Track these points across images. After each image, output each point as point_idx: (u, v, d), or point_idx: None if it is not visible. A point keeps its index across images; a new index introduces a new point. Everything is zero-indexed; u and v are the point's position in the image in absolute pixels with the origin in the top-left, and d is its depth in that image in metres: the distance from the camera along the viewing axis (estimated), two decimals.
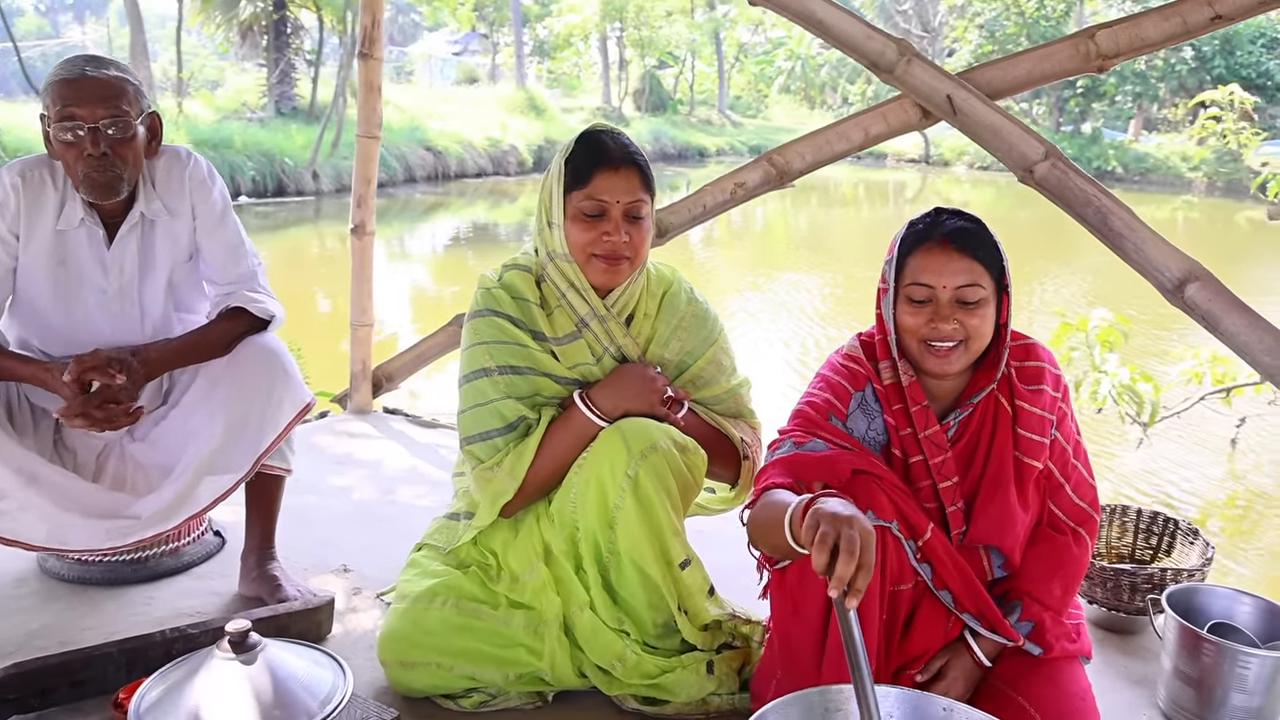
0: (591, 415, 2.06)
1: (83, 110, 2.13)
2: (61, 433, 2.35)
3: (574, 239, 2.05)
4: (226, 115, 21.32)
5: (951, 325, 1.79)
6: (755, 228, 18.70)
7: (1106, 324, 5.43)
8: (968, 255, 1.79)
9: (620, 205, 2.02)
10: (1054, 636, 1.85)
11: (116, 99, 2.17)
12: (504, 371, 2.08)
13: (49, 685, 1.96)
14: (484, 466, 2.09)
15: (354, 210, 3.90)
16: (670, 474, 2.01)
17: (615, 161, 2.02)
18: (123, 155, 2.19)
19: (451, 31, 43.35)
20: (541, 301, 2.14)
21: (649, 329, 2.19)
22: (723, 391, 2.24)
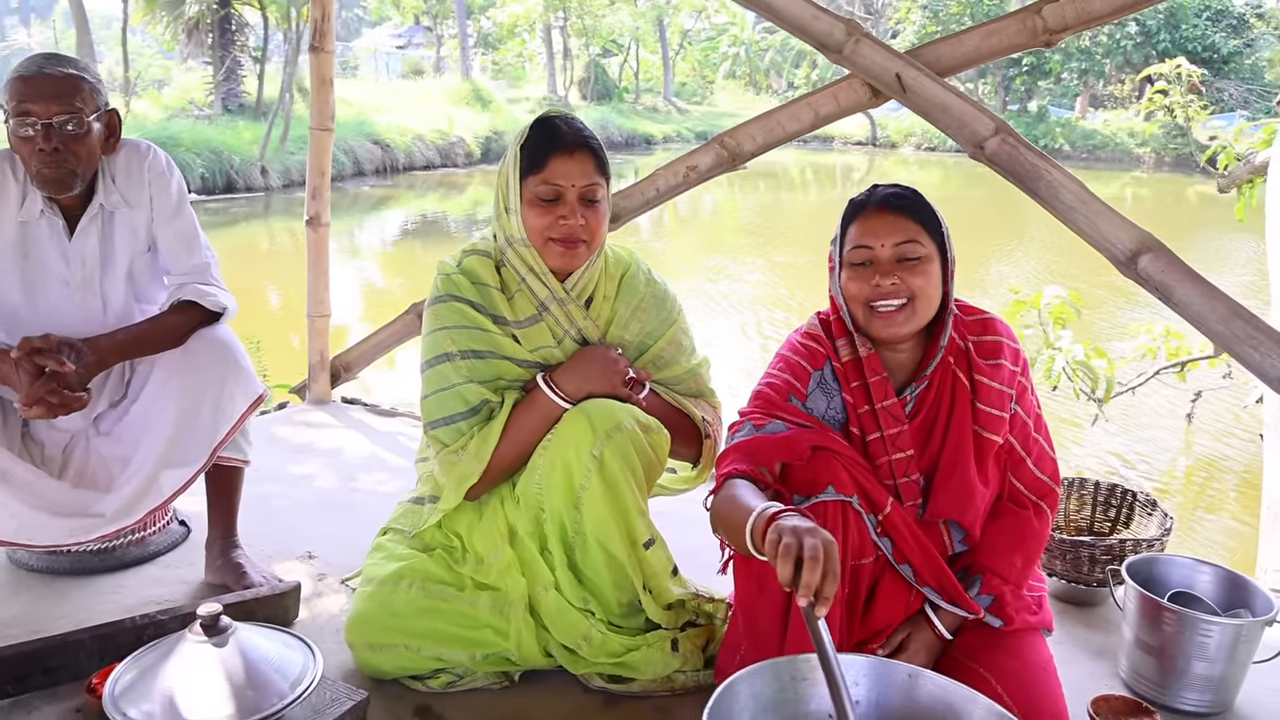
0: (555, 397, 2.08)
1: (37, 106, 2.15)
2: (28, 427, 2.35)
3: (530, 224, 2.07)
4: (174, 114, 21.15)
5: (891, 281, 1.81)
6: (704, 213, 18.77)
7: (1059, 300, 5.47)
8: (903, 215, 1.84)
9: (575, 189, 2.05)
10: (1014, 609, 1.87)
11: (70, 96, 2.18)
12: (466, 356, 2.10)
13: (22, 672, 1.97)
14: (449, 450, 2.11)
15: (309, 202, 3.89)
16: (635, 453, 2.04)
17: (569, 146, 2.04)
18: (75, 151, 2.20)
19: (395, 25, 43.05)
20: (501, 286, 2.15)
21: (608, 311, 2.21)
22: (683, 371, 2.27)
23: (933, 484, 1.90)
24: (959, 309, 1.96)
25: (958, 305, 1.96)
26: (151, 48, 32.05)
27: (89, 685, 1.94)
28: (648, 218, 17.60)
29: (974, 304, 2.01)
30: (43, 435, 2.36)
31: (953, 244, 1.88)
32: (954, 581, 1.87)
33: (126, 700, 1.69)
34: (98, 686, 1.89)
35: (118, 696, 1.70)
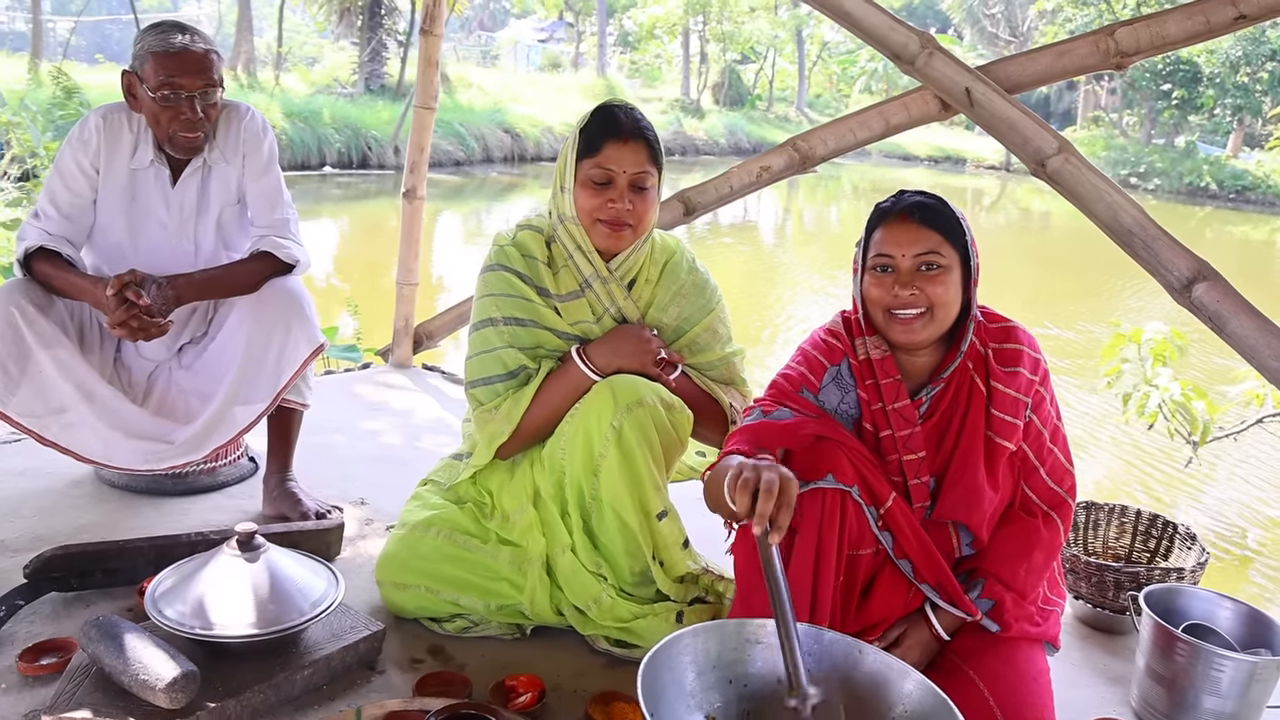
0: (586, 369, 2.19)
1: (184, 80, 2.42)
2: (120, 353, 2.61)
3: (581, 204, 2.18)
4: (319, 90, 22.03)
5: (910, 292, 1.84)
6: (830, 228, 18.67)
7: (1161, 337, 5.31)
8: (926, 226, 1.86)
9: (627, 175, 2.15)
10: (1013, 617, 1.89)
11: (210, 71, 2.46)
12: (509, 322, 2.23)
13: (87, 569, 2.19)
14: (484, 408, 2.25)
15: (406, 176, 4.11)
16: (654, 428, 2.13)
17: (625, 133, 2.15)
18: (209, 116, 2.49)
19: (539, 19, 43.80)
20: (549, 260, 2.28)
21: (649, 294, 2.31)
22: (716, 358, 2.35)
23: (942, 485, 1.93)
24: (984, 316, 1.98)
25: (983, 312, 1.98)
26: (307, 26, 33.43)
27: (140, 589, 2.14)
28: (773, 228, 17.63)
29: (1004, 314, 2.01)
30: (131, 362, 2.62)
31: (977, 252, 1.91)
32: (953, 581, 1.89)
33: (164, 601, 1.88)
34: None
35: (157, 597, 1.89)
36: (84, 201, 2.51)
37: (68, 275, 2.40)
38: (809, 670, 1.50)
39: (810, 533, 1.84)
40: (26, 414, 2.37)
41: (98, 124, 2.51)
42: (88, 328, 2.54)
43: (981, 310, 1.99)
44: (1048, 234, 19.55)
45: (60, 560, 2.15)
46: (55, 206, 2.48)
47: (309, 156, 17.60)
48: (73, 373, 2.40)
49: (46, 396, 2.39)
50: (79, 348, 2.45)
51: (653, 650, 1.46)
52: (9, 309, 2.35)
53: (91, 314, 2.54)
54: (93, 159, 2.50)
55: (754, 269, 12.97)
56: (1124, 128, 32.65)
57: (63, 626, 2.08)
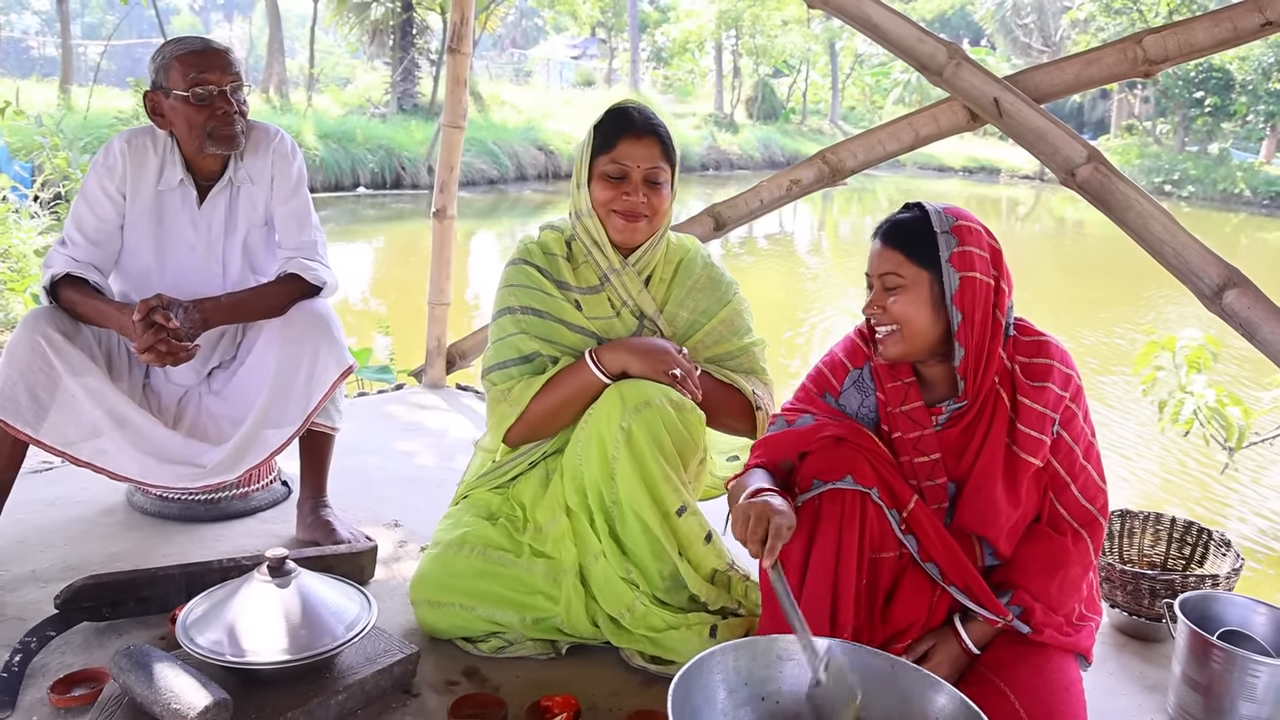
0: (593, 367, 2.22)
1: (214, 75, 2.46)
2: (149, 378, 2.63)
3: (597, 196, 2.26)
4: (351, 110, 22.18)
5: (873, 311, 1.92)
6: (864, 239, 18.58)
7: (1195, 344, 5.28)
8: (889, 246, 1.91)
9: (641, 170, 2.23)
10: (1042, 623, 1.87)
11: (237, 67, 2.51)
12: (525, 311, 2.29)
13: (118, 598, 2.19)
14: (497, 389, 2.29)
15: (436, 195, 4.13)
16: (663, 428, 2.14)
17: (638, 130, 2.23)
18: (243, 113, 2.52)
19: (571, 36, 44.09)
20: (569, 256, 2.35)
21: (664, 292, 2.36)
22: (735, 348, 2.38)
23: (960, 497, 1.92)
24: (1018, 329, 1.96)
25: (1017, 326, 1.96)
26: (339, 47, 33.84)
27: (172, 616, 2.14)
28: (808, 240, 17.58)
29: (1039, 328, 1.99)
30: (161, 388, 2.63)
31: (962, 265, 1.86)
32: (982, 583, 1.87)
33: (196, 629, 1.88)
34: None
35: (189, 625, 1.90)
36: (111, 226, 2.53)
37: (94, 302, 2.42)
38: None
39: (830, 533, 1.85)
40: (58, 439, 2.39)
41: (122, 148, 2.53)
42: (115, 354, 2.55)
43: (1017, 324, 1.97)
44: (1081, 242, 19.37)
45: (92, 589, 2.16)
46: (82, 233, 2.50)
47: (342, 177, 17.75)
48: (103, 399, 2.42)
49: (79, 422, 2.41)
50: (108, 374, 2.46)
51: (683, 669, 1.46)
52: (36, 338, 2.36)
53: (119, 340, 2.56)
54: (119, 183, 2.52)
55: (788, 282, 12.92)
56: (1157, 136, 32.30)
57: (94, 657, 2.08)
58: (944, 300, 1.88)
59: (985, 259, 1.89)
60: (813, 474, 1.88)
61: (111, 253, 2.55)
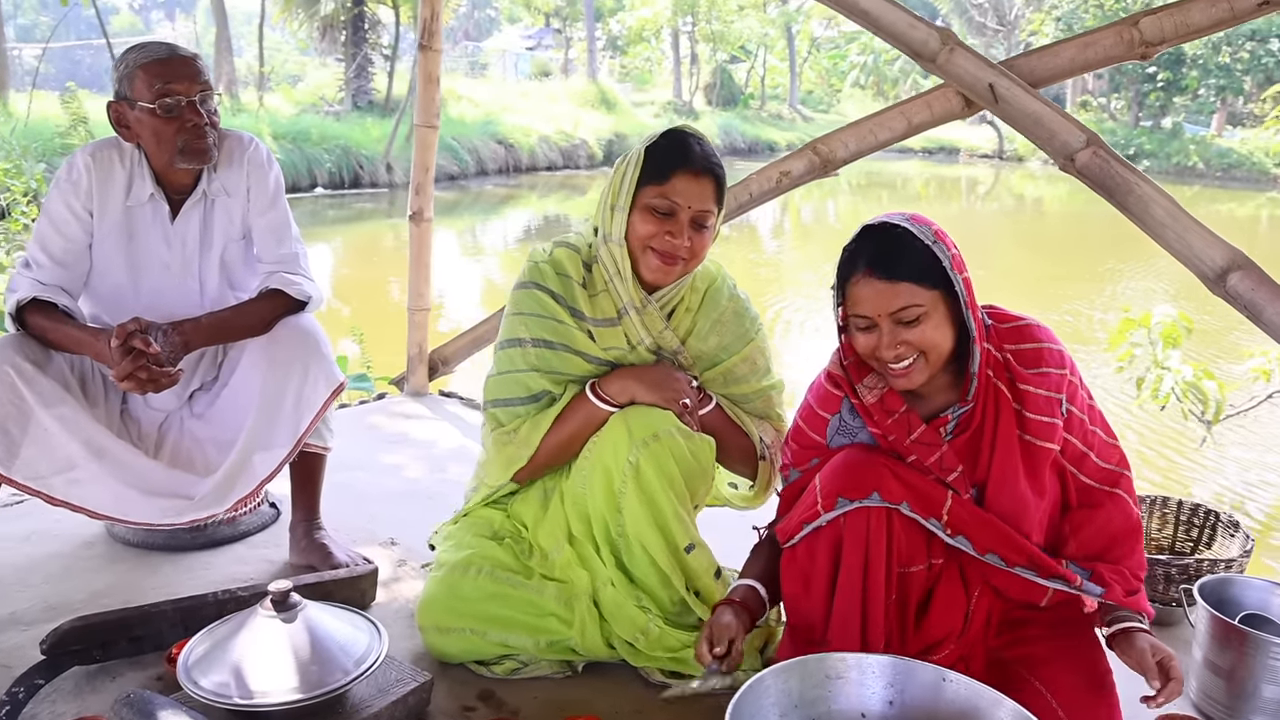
0: (597, 401, 2.12)
1: (181, 85, 2.32)
2: (127, 404, 2.50)
3: (637, 229, 2.09)
4: (305, 109, 21.88)
5: (896, 349, 1.78)
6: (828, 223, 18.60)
7: (1169, 320, 5.34)
8: (894, 280, 1.76)
9: (690, 211, 2.06)
10: (1111, 579, 1.83)
11: (204, 74, 2.37)
12: (537, 344, 2.16)
13: (109, 639, 2.08)
14: (503, 430, 2.19)
15: (412, 198, 4.02)
16: (673, 461, 2.07)
17: (697, 167, 2.06)
18: (214, 124, 2.39)
19: (526, 26, 43.77)
20: (585, 282, 2.20)
21: (689, 322, 2.23)
22: (752, 391, 2.28)
23: (984, 498, 1.87)
24: (991, 317, 1.90)
25: (990, 313, 1.90)
26: (288, 44, 33.41)
27: (169, 655, 2.05)
28: (769, 224, 17.54)
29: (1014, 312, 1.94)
30: (140, 413, 2.50)
31: (961, 268, 1.80)
32: (1042, 556, 1.82)
33: (199, 670, 1.79)
34: (177, 656, 2.00)
35: (191, 666, 1.80)
36: (78, 246, 2.39)
37: (65, 328, 2.29)
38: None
39: (856, 552, 1.80)
40: (31, 476, 2.25)
41: (86, 163, 2.39)
42: (90, 380, 2.42)
43: (990, 312, 1.91)
44: (1041, 220, 19.54)
45: (80, 632, 2.04)
46: (47, 254, 2.36)
47: (299, 178, 17.45)
48: (79, 430, 2.28)
49: (52, 456, 2.27)
50: (83, 403, 2.33)
51: (737, 696, 1.39)
52: (5, 369, 2.22)
53: (93, 366, 2.44)
54: (84, 200, 2.39)
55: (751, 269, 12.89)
56: (1112, 111, 32.70)
57: (88, 704, 1.97)
58: (959, 312, 1.81)
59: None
60: (836, 492, 1.82)
61: (80, 274, 2.42)
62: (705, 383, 2.24)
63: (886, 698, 1.46)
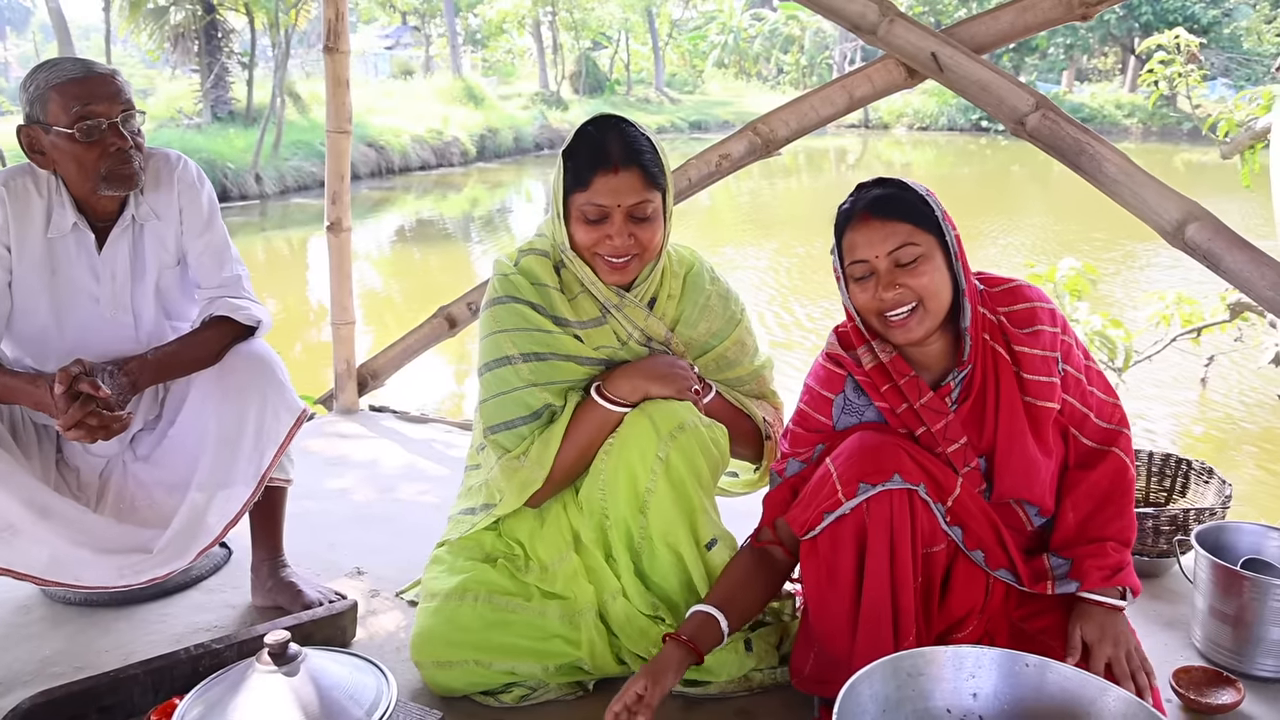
0: (607, 404, 2.03)
1: (102, 106, 2.10)
2: (63, 452, 2.29)
3: (578, 239, 2.02)
4: (162, 123, 20.99)
5: (895, 291, 1.76)
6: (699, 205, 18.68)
7: (1074, 272, 5.50)
8: (891, 219, 1.77)
9: (622, 209, 1.97)
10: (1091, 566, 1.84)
11: (126, 93, 2.16)
12: (527, 359, 2.04)
13: (77, 713, 1.89)
14: (510, 455, 2.06)
15: (329, 208, 3.84)
16: (699, 452, 2.00)
17: (615, 163, 1.95)
18: (139, 146, 2.18)
19: (382, 25, 42.87)
20: (562, 287, 2.10)
21: (674, 310, 2.16)
22: (746, 373, 2.23)
23: (993, 465, 1.86)
24: (982, 282, 1.90)
25: (981, 278, 1.90)
26: (134, 57, 31.99)
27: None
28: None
29: (1003, 274, 1.94)
30: (79, 461, 2.29)
31: (953, 224, 1.81)
32: (1024, 565, 1.85)
33: None
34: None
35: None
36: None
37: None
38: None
39: (882, 536, 1.77)
40: None
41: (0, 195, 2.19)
42: (21, 429, 2.21)
43: (980, 277, 1.91)
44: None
45: (43, 709, 1.84)
46: None
47: None
48: (18, 489, 2.06)
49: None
50: (17, 456, 2.11)
51: (837, 709, 1.32)
52: None
53: (23, 414, 2.22)
54: (0, 235, 2.18)
55: None
56: None
57: None
58: (951, 262, 1.80)
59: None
60: (857, 477, 1.77)
61: (0, 314, 2.20)
62: (700, 370, 2.17)
63: (971, 690, 1.41)
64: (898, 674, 1.45)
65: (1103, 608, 1.84)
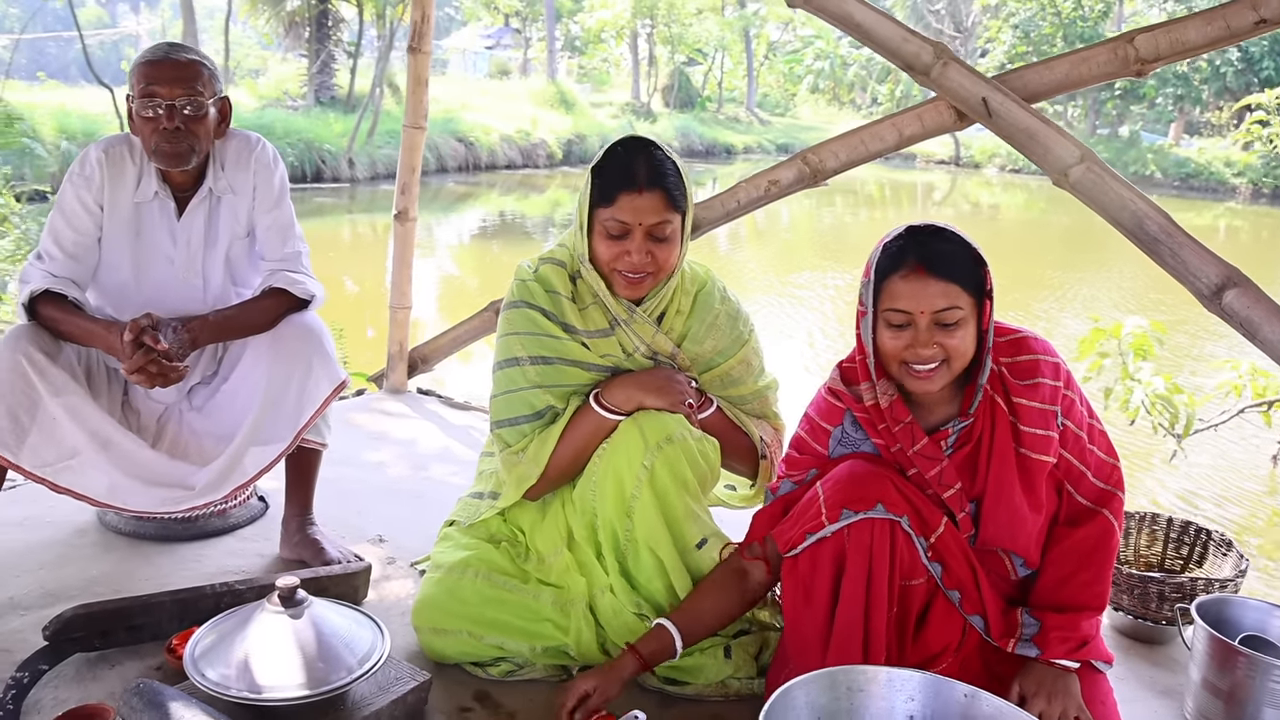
0: (603, 412, 2.13)
1: (162, 89, 2.31)
2: (129, 394, 2.50)
3: (598, 252, 2.12)
4: (268, 103, 21.76)
5: (931, 349, 1.77)
6: (781, 227, 18.70)
7: (1140, 331, 5.31)
8: (944, 279, 1.76)
9: (643, 227, 2.07)
10: (1056, 639, 1.84)
11: (192, 80, 2.35)
12: (535, 361, 2.16)
13: (109, 627, 2.08)
14: (510, 450, 2.19)
15: (398, 197, 4.01)
16: (686, 464, 2.09)
17: (640, 184, 2.05)
18: (193, 130, 2.36)
19: (485, 25, 43.56)
20: (574, 296, 2.21)
21: (682, 326, 2.25)
22: (749, 392, 2.30)
23: (980, 513, 1.88)
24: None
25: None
26: (251, 39, 33.09)
27: (169, 646, 2.05)
28: (725, 229, 17.60)
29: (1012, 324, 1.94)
30: (140, 405, 2.50)
31: (992, 282, 1.82)
32: (998, 615, 1.86)
33: (205, 662, 1.78)
34: (178, 647, 2.00)
35: (198, 658, 1.80)
36: (89, 240, 2.40)
37: (76, 319, 2.29)
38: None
39: (860, 563, 1.81)
40: (38, 463, 2.26)
41: (99, 158, 2.41)
42: (95, 371, 2.43)
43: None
44: (997, 227, 19.76)
45: (83, 620, 2.04)
46: (59, 246, 2.37)
47: None
48: (85, 420, 2.30)
49: (58, 444, 2.28)
50: (89, 393, 2.34)
51: (766, 709, 1.40)
52: (17, 357, 2.23)
53: (99, 357, 2.44)
54: (96, 195, 2.40)
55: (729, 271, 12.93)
56: (1069, 119, 33.06)
57: (90, 691, 1.97)
58: (981, 319, 1.82)
59: None
60: (841, 503, 1.82)
61: (90, 266, 2.43)
62: (703, 386, 2.26)
63: (908, 712, 1.47)
64: (836, 686, 1.50)
65: (1052, 667, 1.84)
